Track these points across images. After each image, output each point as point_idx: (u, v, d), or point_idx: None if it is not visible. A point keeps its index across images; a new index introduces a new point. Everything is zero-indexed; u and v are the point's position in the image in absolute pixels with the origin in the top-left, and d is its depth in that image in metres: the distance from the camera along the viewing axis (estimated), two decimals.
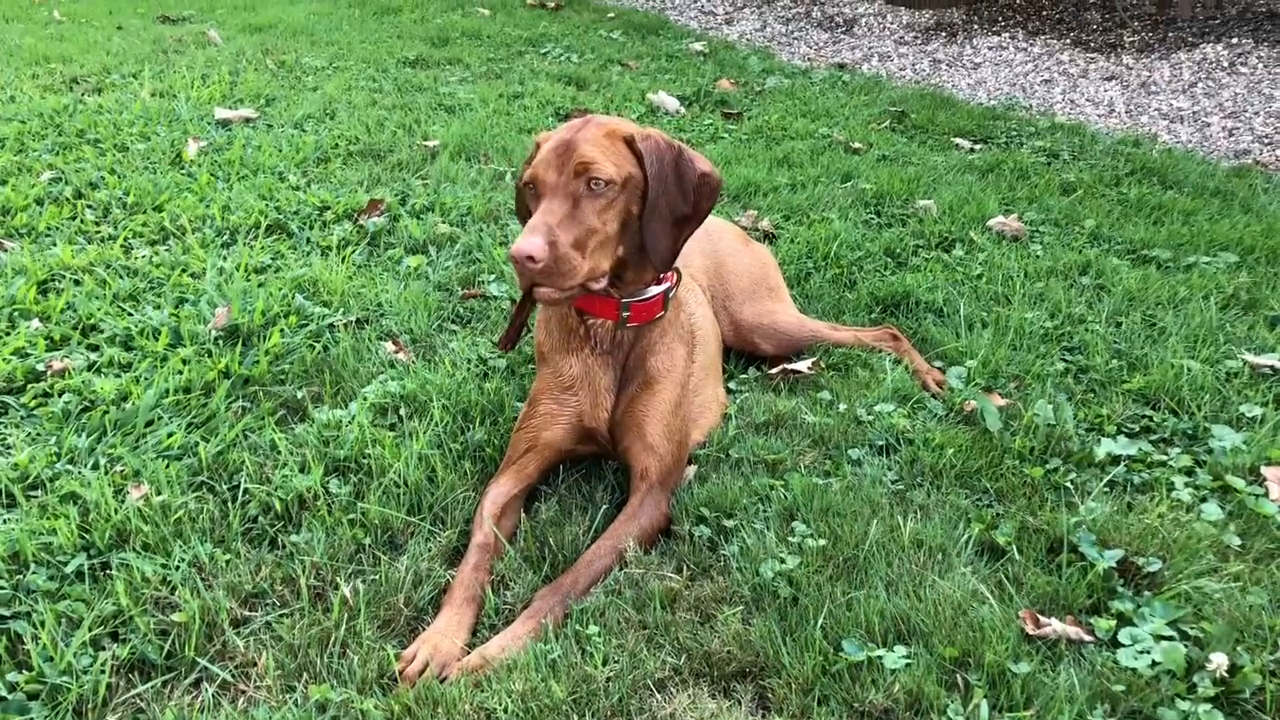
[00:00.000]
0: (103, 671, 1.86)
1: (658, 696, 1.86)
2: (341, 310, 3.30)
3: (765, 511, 2.35)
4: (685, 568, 2.20)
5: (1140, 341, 3.17)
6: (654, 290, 2.45)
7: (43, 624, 1.94)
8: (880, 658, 1.91)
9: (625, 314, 2.41)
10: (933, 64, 7.43)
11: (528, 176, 2.30)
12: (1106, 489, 2.47)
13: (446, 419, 2.67)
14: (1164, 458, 2.60)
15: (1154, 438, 2.71)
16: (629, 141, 2.33)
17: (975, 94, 6.68)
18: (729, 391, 2.96)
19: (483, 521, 2.28)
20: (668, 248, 2.36)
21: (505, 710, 1.78)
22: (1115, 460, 2.58)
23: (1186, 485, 2.48)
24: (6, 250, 3.65)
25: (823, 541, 2.21)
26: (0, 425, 2.66)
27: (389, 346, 3.09)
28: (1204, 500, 2.42)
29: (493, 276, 3.62)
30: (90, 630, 1.95)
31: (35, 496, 2.36)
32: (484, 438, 2.63)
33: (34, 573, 2.08)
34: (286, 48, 7.16)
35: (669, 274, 2.48)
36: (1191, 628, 2.00)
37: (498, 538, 2.25)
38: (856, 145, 5.25)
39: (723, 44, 7.88)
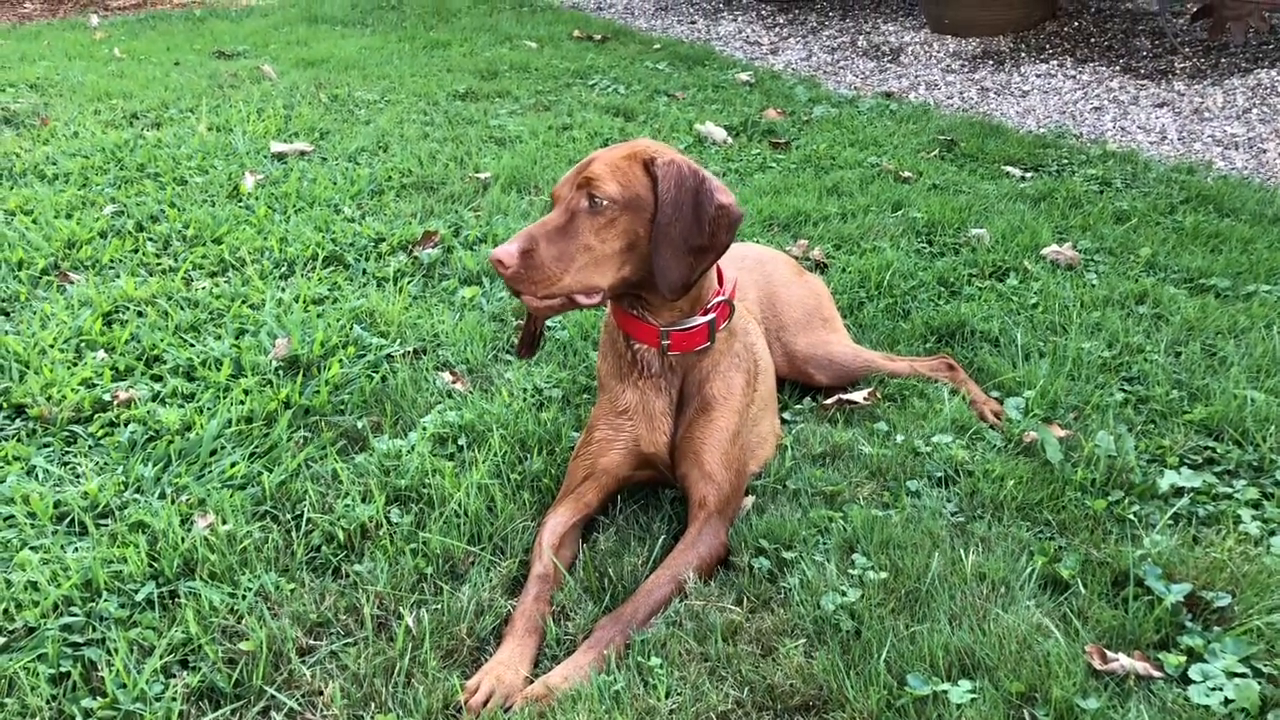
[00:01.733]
0: (174, 699, 1.89)
1: None
2: (399, 341, 3.34)
3: (825, 544, 2.34)
4: (745, 599, 2.20)
5: (1201, 371, 3.13)
6: (698, 320, 2.44)
7: (116, 651, 1.98)
8: (945, 692, 1.89)
9: (665, 342, 2.42)
10: (980, 92, 7.41)
11: (553, 193, 2.34)
12: (1171, 522, 2.43)
13: (504, 449, 2.69)
14: (1229, 490, 2.56)
15: (1218, 469, 2.67)
16: (648, 164, 2.32)
17: (1024, 122, 6.65)
18: (783, 422, 2.95)
19: (541, 552, 2.29)
20: (678, 276, 2.29)
21: None
22: (1179, 492, 2.55)
23: (1254, 518, 2.44)
24: (73, 283, 3.73)
25: (884, 574, 2.20)
26: (70, 454, 2.72)
27: (446, 377, 3.13)
28: (1273, 533, 2.38)
29: None
30: (161, 658, 1.99)
31: (105, 525, 2.41)
32: (541, 467, 2.65)
33: (106, 600, 2.12)
34: (339, 82, 7.29)
35: (718, 305, 2.47)
36: (1265, 664, 1.96)
37: (557, 568, 2.26)
38: (906, 174, 5.24)
39: (769, 73, 7.91)
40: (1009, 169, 5.41)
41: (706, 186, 2.33)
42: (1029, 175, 5.34)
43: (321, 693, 1.95)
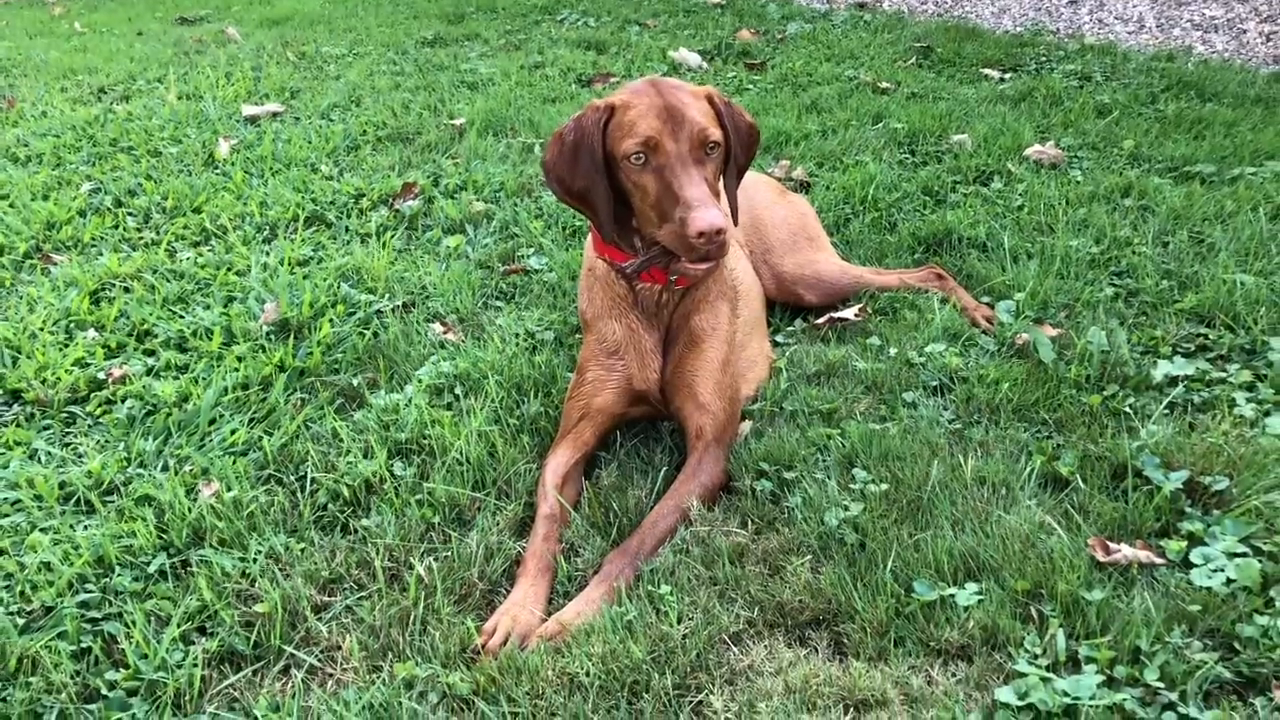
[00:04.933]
0: (195, 665, 1.91)
1: (735, 649, 1.89)
2: (387, 296, 3.34)
3: (824, 461, 2.36)
4: (750, 522, 2.22)
5: (1189, 260, 3.13)
6: None
7: (134, 623, 2.00)
8: (952, 596, 1.92)
9: (673, 277, 2.42)
10: None
11: (639, 144, 2.22)
12: (1167, 411, 2.45)
13: (501, 394, 2.70)
14: (1223, 375, 2.58)
15: (1211, 355, 2.68)
16: (709, 99, 2.36)
17: (1000, 22, 6.56)
18: (776, 345, 2.96)
19: (546, 493, 2.31)
20: (734, 203, 2.44)
21: (587, 673, 1.81)
22: (1173, 381, 2.56)
23: (1248, 401, 2.45)
24: (56, 264, 3.72)
25: (885, 486, 2.22)
26: (70, 435, 2.73)
27: (437, 328, 3.12)
28: (1268, 414, 2.40)
29: (531, 250, 3.64)
30: (179, 626, 2.01)
31: (111, 501, 2.42)
32: (539, 410, 2.66)
33: (119, 575, 2.14)
34: (305, 38, 7.18)
35: None
36: (1265, 543, 1.99)
37: (563, 506, 2.29)
38: (884, 85, 5.19)
39: None
40: (987, 71, 5.35)
41: (736, 109, 2.42)
42: (1008, 76, 5.29)
43: (340, 647, 1.98)
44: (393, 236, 3.80)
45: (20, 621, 2.03)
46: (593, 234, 2.53)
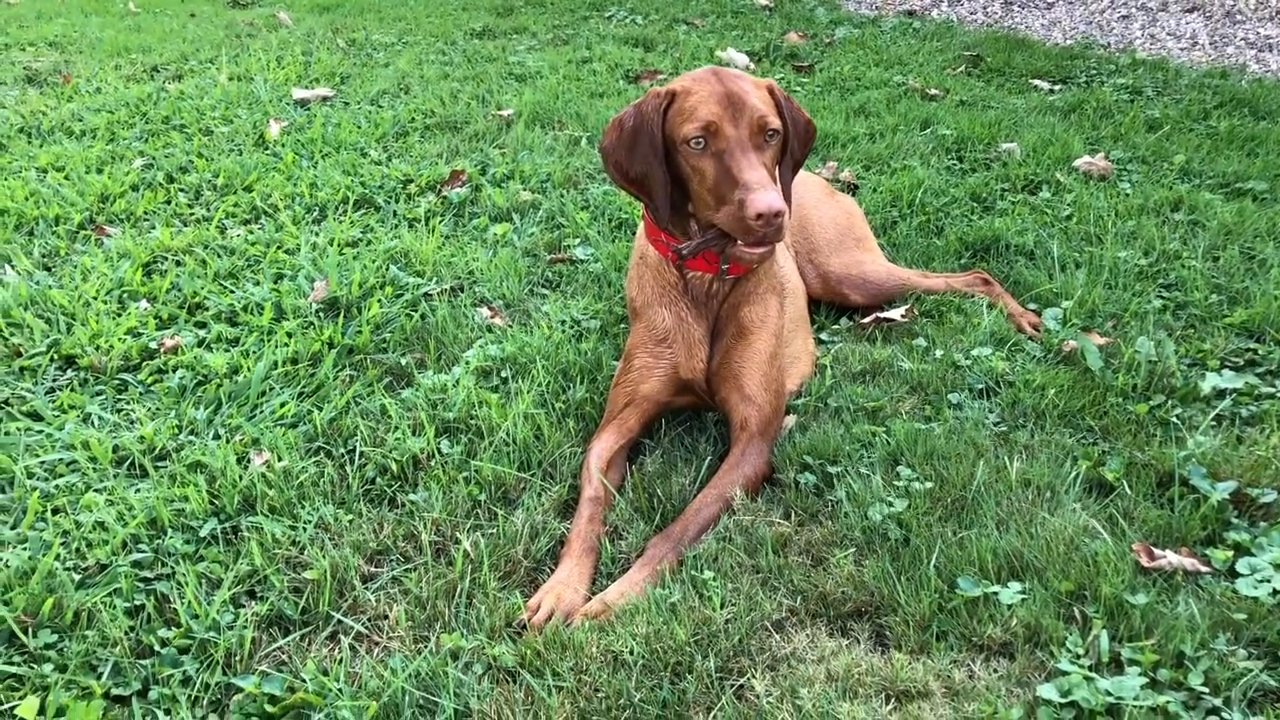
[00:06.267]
0: (245, 627, 1.95)
1: (776, 637, 1.90)
2: (435, 279, 3.37)
3: (869, 457, 2.37)
4: (793, 514, 2.23)
5: (1240, 275, 3.11)
6: None
7: (186, 584, 2.04)
8: (995, 594, 1.93)
9: (724, 266, 2.43)
10: (1004, 6, 7.28)
11: (700, 128, 2.24)
12: (1214, 423, 2.44)
13: (547, 379, 2.72)
14: (1272, 390, 2.57)
15: (1260, 370, 2.67)
16: (770, 91, 2.39)
17: (1050, 34, 6.54)
18: (820, 343, 2.97)
19: (591, 476, 2.33)
20: (790, 193, 2.45)
21: (631, 652, 1.83)
22: (1221, 394, 2.55)
23: None
24: (110, 236, 3.78)
25: (929, 484, 2.23)
26: (122, 401, 2.78)
27: (484, 312, 3.16)
28: None
29: (578, 240, 3.66)
30: (229, 589, 2.05)
31: (164, 467, 2.46)
32: (584, 395, 2.68)
33: (171, 538, 2.18)
34: (355, 25, 7.25)
35: None
36: None
37: (608, 489, 2.31)
38: (933, 91, 5.18)
39: None
40: (1037, 82, 5.34)
41: (795, 105, 2.46)
42: (1057, 87, 5.27)
43: (387, 616, 2.01)
44: (440, 222, 3.84)
45: (76, 577, 2.07)
46: (645, 223, 2.55)
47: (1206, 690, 1.71)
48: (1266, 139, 4.21)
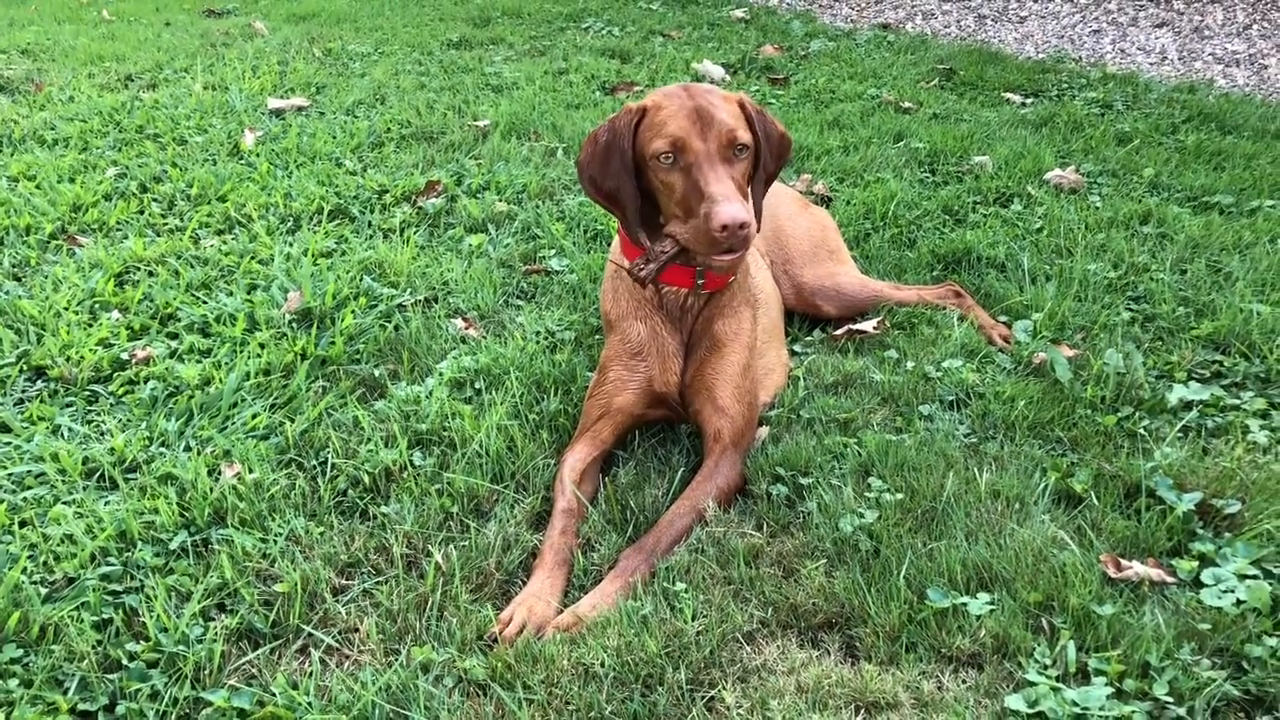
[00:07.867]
0: (215, 640, 1.94)
1: (747, 648, 1.91)
2: (409, 290, 3.37)
3: (840, 469, 2.38)
4: (765, 525, 2.24)
5: (1206, 288, 3.15)
6: None
7: (155, 597, 2.03)
8: (964, 605, 1.94)
9: (700, 281, 2.45)
10: (978, 20, 7.35)
11: (668, 144, 2.25)
12: (1180, 434, 2.47)
13: (521, 390, 2.73)
14: (1237, 401, 2.60)
15: (1226, 382, 2.71)
16: (741, 105, 2.39)
17: (1023, 48, 6.60)
18: (794, 354, 2.99)
19: (564, 488, 2.33)
20: (761, 208, 2.46)
21: (602, 664, 1.84)
22: (1188, 406, 2.58)
23: (1262, 428, 2.48)
24: (81, 245, 3.75)
25: (900, 495, 2.24)
26: (93, 412, 2.76)
27: (458, 323, 3.15)
28: None
29: (553, 252, 3.67)
30: (199, 602, 2.04)
31: (134, 478, 2.45)
32: (558, 407, 2.68)
33: (141, 550, 2.17)
34: (331, 35, 7.24)
35: None
36: (1275, 566, 2.01)
37: (580, 501, 2.31)
38: (906, 105, 5.23)
39: (764, 9, 7.84)
40: (1009, 95, 5.39)
41: (768, 118, 2.46)
42: (1029, 101, 5.32)
43: (357, 629, 2.00)
44: (415, 233, 3.83)
45: (43, 591, 2.05)
46: (620, 236, 2.56)
47: (1171, 700, 1.73)
48: (1233, 153, 4.26)
